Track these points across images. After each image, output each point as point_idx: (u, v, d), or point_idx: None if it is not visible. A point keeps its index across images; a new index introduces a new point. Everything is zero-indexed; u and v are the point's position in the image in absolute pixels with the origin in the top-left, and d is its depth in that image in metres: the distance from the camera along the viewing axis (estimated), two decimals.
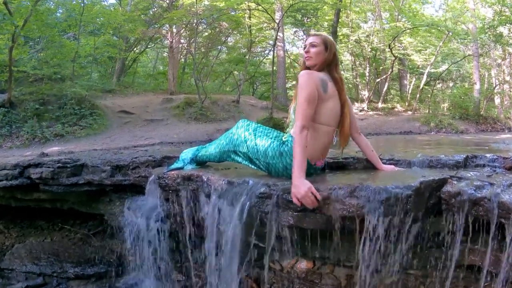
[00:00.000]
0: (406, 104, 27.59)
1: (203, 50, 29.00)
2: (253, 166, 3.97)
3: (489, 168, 3.83)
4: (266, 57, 33.77)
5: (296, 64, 33.28)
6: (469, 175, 3.43)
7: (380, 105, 26.38)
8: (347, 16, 28.36)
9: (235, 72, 31.23)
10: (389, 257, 3.29)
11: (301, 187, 3.17)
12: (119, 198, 5.74)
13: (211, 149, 4.35)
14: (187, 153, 4.67)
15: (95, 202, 6.14)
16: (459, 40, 26.59)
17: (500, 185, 3.05)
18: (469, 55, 27.30)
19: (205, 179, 3.99)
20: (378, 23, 28.56)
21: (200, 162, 4.58)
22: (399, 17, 27.69)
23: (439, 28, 24.27)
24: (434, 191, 3.17)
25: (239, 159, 4.06)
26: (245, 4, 21.85)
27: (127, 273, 5.69)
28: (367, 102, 26.72)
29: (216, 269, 4.01)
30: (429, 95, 27.67)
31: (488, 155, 4.09)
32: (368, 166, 4.19)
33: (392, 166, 4.06)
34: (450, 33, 24.57)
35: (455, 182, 3.23)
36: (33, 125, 13.19)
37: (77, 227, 7.01)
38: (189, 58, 30.22)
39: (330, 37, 3.96)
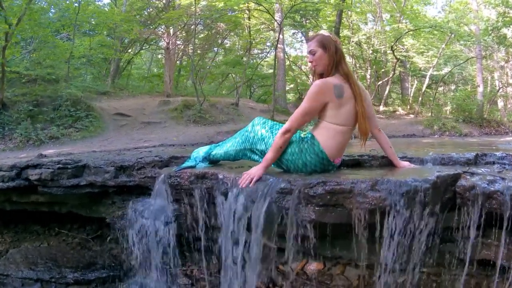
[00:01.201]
0: (408, 107, 27.74)
1: (199, 52, 28.96)
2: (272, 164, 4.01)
3: (498, 165, 3.95)
4: (264, 59, 33.84)
5: (294, 67, 33.34)
6: (481, 171, 3.52)
7: (381, 108, 26.43)
8: (347, 17, 28.37)
9: (233, 75, 31.24)
10: (406, 253, 3.36)
11: (253, 171, 3.70)
12: (122, 200, 5.62)
13: (226, 147, 4.39)
14: (198, 151, 4.68)
15: (95, 205, 6.01)
16: (462, 42, 26.66)
17: (511, 179, 3.14)
18: (472, 57, 27.30)
19: (221, 177, 4.00)
20: (379, 25, 28.63)
21: (213, 161, 4.61)
22: (401, 18, 27.74)
23: (441, 29, 24.29)
24: (449, 185, 3.29)
25: (256, 157, 4.14)
26: (245, 4, 21.86)
27: (130, 278, 5.56)
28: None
29: (233, 272, 3.98)
30: (432, 98, 27.65)
31: (497, 153, 4.32)
32: (384, 163, 4.43)
33: (408, 163, 4.22)
34: (453, 35, 24.60)
35: (468, 177, 3.33)
36: (27, 127, 13.10)
37: (74, 232, 6.87)
38: (185, 60, 30.38)
39: (326, 34, 4.05)
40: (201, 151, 4.68)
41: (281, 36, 23.73)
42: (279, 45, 23.74)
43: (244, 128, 4.27)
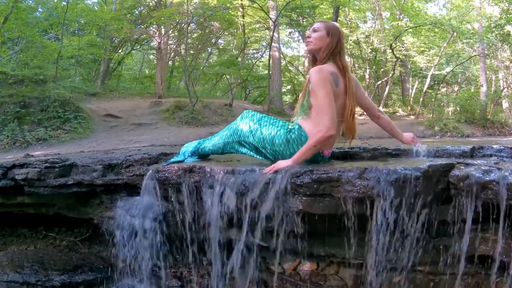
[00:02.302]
0: (409, 108, 27.84)
1: (192, 52, 29.00)
2: (258, 157, 4.15)
3: (496, 158, 3.98)
4: (260, 60, 33.85)
5: (290, 67, 33.39)
6: (476, 162, 3.50)
7: (381, 109, 25.92)
8: (345, 15, 28.57)
9: (227, 75, 31.34)
10: (398, 248, 3.40)
11: (282, 164, 3.61)
12: (110, 199, 5.59)
13: (214, 140, 4.45)
14: (187, 147, 4.74)
15: (83, 206, 5.99)
16: (464, 41, 26.54)
17: (508, 169, 3.11)
18: (474, 55, 27.39)
19: (208, 170, 4.03)
20: (378, 23, 28.63)
21: (202, 155, 4.66)
22: (401, 16, 27.74)
23: (443, 27, 24.24)
24: (442, 176, 3.29)
25: (244, 150, 4.20)
26: (239, 1, 21.92)
27: (119, 280, 5.46)
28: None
29: (222, 271, 4.05)
30: (433, 99, 27.76)
31: (495, 146, 4.30)
32: (375, 155, 4.53)
33: (413, 134, 4.47)
34: (455, 33, 24.58)
35: (462, 167, 3.32)
36: (13, 128, 13.21)
37: (62, 235, 6.87)
38: (177, 60, 30.59)
39: (337, 25, 4.13)
40: (189, 146, 4.73)
41: (276, 35, 23.79)
42: (274, 44, 23.80)
43: (233, 122, 4.32)
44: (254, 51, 33.93)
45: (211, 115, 18.94)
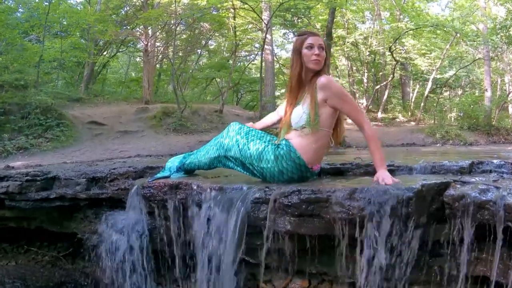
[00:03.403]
0: (409, 113, 27.72)
1: (181, 54, 28.96)
2: (246, 172, 4.18)
3: (495, 174, 3.99)
4: (252, 62, 33.81)
5: (285, 70, 33.29)
6: (474, 180, 3.54)
7: (379, 115, 26.38)
8: (342, 15, 28.40)
9: (217, 79, 31.16)
10: (391, 269, 3.36)
11: (389, 177, 3.55)
12: (94, 214, 5.64)
13: (200, 155, 4.48)
14: (173, 161, 4.78)
15: (66, 220, 6.03)
16: (468, 42, 26.48)
17: (506, 188, 3.13)
18: (478, 58, 27.34)
19: (195, 187, 4.07)
20: (377, 24, 28.58)
21: (188, 170, 4.70)
22: (401, 17, 27.69)
23: (445, 28, 24.22)
24: (437, 195, 3.31)
25: (231, 165, 4.25)
26: (229, 2, 21.96)
27: None
28: (364, 112, 26.00)
29: None
30: (435, 104, 27.67)
31: (495, 161, 4.29)
32: (369, 171, 4.43)
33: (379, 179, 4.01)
34: (458, 34, 24.51)
35: (458, 186, 3.34)
36: None
37: (45, 249, 6.88)
38: (165, 63, 30.34)
39: None
40: (175, 161, 4.78)
41: (269, 37, 23.73)
42: (267, 47, 23.74)
43: (220, 134, 4.36)
44: (246, 53, 33.82)
45: (201, 122, 18.97)
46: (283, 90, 32.24)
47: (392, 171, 4.28)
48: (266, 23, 21.66)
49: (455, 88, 33.81)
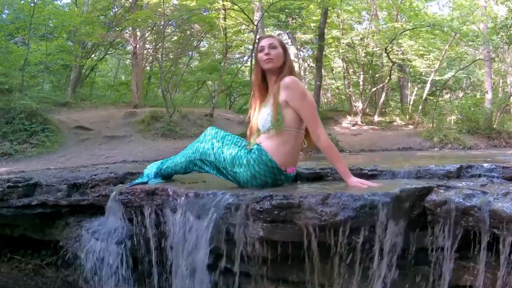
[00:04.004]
0: (407, 117, 27.49)
1: (171, 56, 28.95)
2: (221, 177, 4.27)
3: (485, 178, 4.00)
4: (245, 65, 33.64)
5: None
6: (461, 184, 3.57)
7: (376, 118, 26.36)
8: (337, 16, 28.41)
9: (209, 82, 31.16)
10: (372, 277, 3.35)
11: (355, 182, 3.76)
12: (76, 221, 5.68)
13: (177, 160, 4.58)
14: (151, 168, 4.87)
15: (49, 227, 6.09)
16: (467, 43, 26.30)
17: (493, 193, 3.13)
18: (478, 59, 27.22)
19: (171, 193, 4.15)
20: (374, 24, 28.56)
21: (166, 176, 4.78)
22: (398, 17, 27.65)
23: (442, 28, 24.16)
24: (418, 200, 3.31)
25: (207, 168, 4.34)
26: (220, 3, 21.92)
27: None
28: (360, 115, 26.56)
29: None
30: (434, 107, 27.32)
31: (485, 164, 4.28)
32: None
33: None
34: (457, 35, 24.39)
35: (441, 191, 3.37)
36: None
37: (28, 257, 6.83)
38: (155, 66, 30.22)
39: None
40: (153, 167, 4.86)
41: None
42: None
43: (197, 139, 4.47)
44: (239, 55, 34.00)
45: (190, 127, 19.00)
46: None
47: (375, 175, 4.43)
48: (256, 24, 21.72)
49: (455, 90, 33.72)
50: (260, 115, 4.21)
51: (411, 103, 28.98)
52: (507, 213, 2.82)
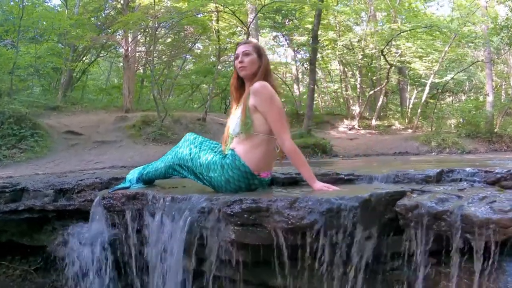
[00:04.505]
0: (406, 121, 27.57)
1: (165, 59, 28.95)
2: (198, 181, 4.45)
3: (465, 183, 4.05)
4: None
5: (278, 75, 33.34)
6: (438, 189, 3.66)
7: (374, 122, 26.35)
8: (334, 17, 28.44)
9: (204, 85, 31.16)
10: (343, 281, 3.45)
11: (320, 186, 3.95)
12: (63, 226, 5.81)
13: (157, 165, 4.80)
14: (133, 173, 5.10)
15: (36, 232, 6.19)
16: (467, 44, 26.42)
17: (469, 198, 3.24)
18: (477, 61, 27.34)
19: (150, 197, 4.35)
20: (371, 26, 28.48)
21: (147, 181, 5.00)
22: (397, 18, 27.36)
23: (439, 29, 24.24)
24: (390, 205, 3.41)
25: (185, 173, 4.54)
26: (212, 5, 21.99)
27: None
28: (358, 119, 26.64)
29: None
30: (436, 110, 27.34)
31: (467, 169, 4.28)
32: (325, 181, 4.37)
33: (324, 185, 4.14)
34: (456, 36, 24.43)
35: (414, 195, 3.47)
36: None
37: (16, 263, 6.86)
38: (148, 69, 29.93)
39: (261, 45, 4.67)
40: (135, 172, 5.08)
41: (254, 41, 23.49)
42: None
43: (177, 145, 4.70)
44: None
45: (182, 131, 18.71)
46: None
47: (352, 180, 4.57)
48: (247, 27, 22.01)
49: (457, 93, 33.80)
50: (232, 120, 4.43)
51: (411, 106, 28.99)
52: (479, 218, 2.91)
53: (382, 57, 26.04)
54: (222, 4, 21.38)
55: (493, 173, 4.04)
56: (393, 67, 26.55)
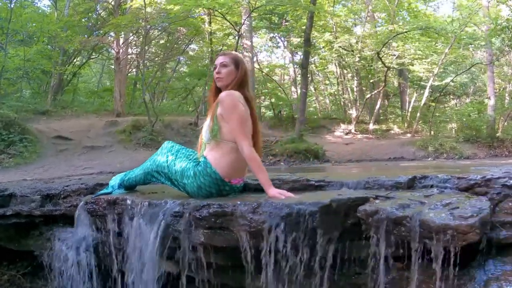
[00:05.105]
0: (405, 125, 27.59)
1: (158, 61, 29.27)
2: (174, 187, 4.75)
3: (436, 189, 4.14)
4: None
5: (275, 76, 33.35)
6: (404, 195, 3.81)
7: (371, 126, 26.40)
8: (331, 18, 28.47)
9: (198, 87, 31.05)
10: (306, 285, 3.69)
11: (274, 193, 4.12)
12: (49, 231, 6.05)
13: (137, 171, 5.09)
14: (116, 179, 5.39)
15: (24, 237, 6.38)
16: (466, 46, 26.48)
17: (432, 204, 3.40)
18: (477, 63, 27.46)
19: (129, 202, 4.63)
20: (368, 27, 28.69)
21: (128, 187, 5.29)
22: (396, 19, 27.68)
23: (436, 31, 24.22)
24: (352, 210, 3.59)
25: (163, 179, 4.83)
26: (202, 8, 22.24)
27: None
28: (354, 123, 26.69)
29: None
30: (437, 114, 27.42)
31: (440, 175, 4.35)
32: (295, 187, 4.75)
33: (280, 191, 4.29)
34: (455, 38, 24.40)
35: (377, 201, 3.65)
36: None
37: (4, 268, 7.02)
38: (141, 71, 29.89)
39: (240, 56, 4.89)
40: (118, 178, 5.36)
41: (248, 43, 23.94)
42: (246, 53, 23.74)
43: (155, 152, 4.94)
44: None
45: (173, 136, 19.12)
46: (273, 100, 32.15)
47: (322, 187, 4.68)
48: (237, 30, 22.23)
49: (460, 96, 33.94)
50: (205, 127, 4.71)
51: (411, 110, 28.83)
52: (436, 223, 3.06)
53: (378, 58, 26.04)
54: (211, 8, 21.61)
55: (466, 179, 4.12)
56: (391, 69, 26.76)
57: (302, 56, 25.05)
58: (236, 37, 24.06)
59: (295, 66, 34.03)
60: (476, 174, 4.17)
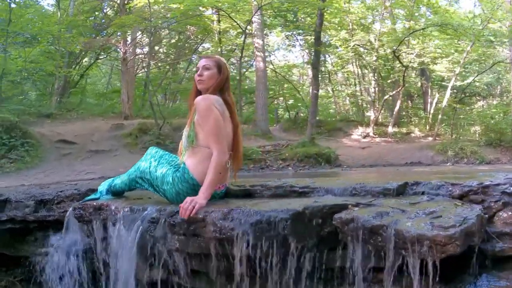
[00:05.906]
0: (427, 127, 27.33)
1: (169, 61, 29.46)
2: (156, 193, 5.00)
3: (426, 196, 4.19)
4: (250, 70, 34.04)
5: (289, 76, 33.30)
6: (389, 202, 3.88)
7: (391, 129, 26.25)
8: (346, 14, 28.27)
9: None
10: None
11: (194, 199, 4.17)
12: (44, 236, 6.29)
13: (123, 177, 5.36)
14: (104, 185, 5.65)
15: (19, 243, 6.62)
16: (485, 44, 25.88)
17: (413, 212, 3.45)
18: (498, 61, 27.30)
19: (113, 208, 4.81)
20: (388, 24, 28.56)
21: (115, 193, 5.52)
22: (416, 14, 27.62)
23: (453, 27, 24.00)
24: (329, 218, 3.69)
25: (146, 186, 5.06)
26: (213, 5, 22.29)
27: None
28: (373, 125, 26.53)
29: None
30: (453, 116, 27.09)
31: (433, 181, 4.42)
32: (278, 193, 4.88)
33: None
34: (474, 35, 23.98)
35: (356, 208, 3.72)
36: None
37: (1, 275, 7.15)
38: (151, 72, 29.42)
39: (223, 60, 5.10)
40: (106, 184, 5.62)
41: (259, 41, 23.96)
42: (258, 53, 24.06)
43: (140, 159, 5.22)
44: (248, 58, 33.88)
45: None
46: (290, 101, 32.11)
47: (306, 193, 4.76)
48: (243, 29, 22.41)
49: (487, 97, 33.86)
50: (184, 132, 4.91)
51: (432, 111, 28.60)
52: (410, 234, 3.10)
53: (395, 57, 26.01)
54: (214, 6, 22.17)
55: (460, 186, 4.18)
56: (411, 68, 26.95)
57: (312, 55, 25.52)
58: (253, 34, 24.41)
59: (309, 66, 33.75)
60: (472, 181, 4.25)
